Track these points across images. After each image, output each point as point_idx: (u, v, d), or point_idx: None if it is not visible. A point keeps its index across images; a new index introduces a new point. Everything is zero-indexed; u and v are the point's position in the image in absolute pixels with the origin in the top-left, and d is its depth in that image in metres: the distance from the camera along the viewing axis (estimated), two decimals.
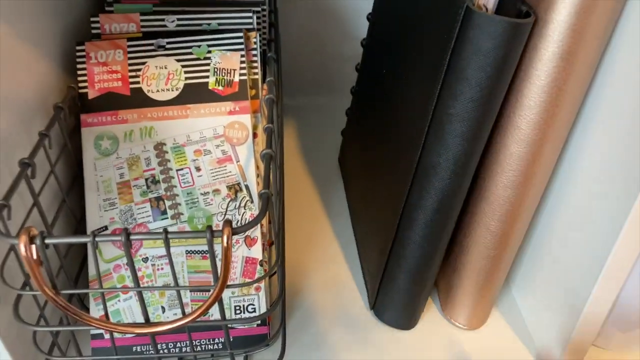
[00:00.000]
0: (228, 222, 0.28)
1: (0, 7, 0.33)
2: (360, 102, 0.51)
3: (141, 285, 0.39)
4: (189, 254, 0.40)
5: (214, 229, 0.33)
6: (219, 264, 0.37)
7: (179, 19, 0.44)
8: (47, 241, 0.28)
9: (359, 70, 0.53)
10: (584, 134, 0.34)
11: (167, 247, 0.29)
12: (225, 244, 0.28)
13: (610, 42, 0.31)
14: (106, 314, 0.33)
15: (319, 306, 0.44)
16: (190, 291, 0.40)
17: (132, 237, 0.28)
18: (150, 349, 0.39)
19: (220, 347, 0.40)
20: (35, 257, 0.28)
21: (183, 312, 0.33)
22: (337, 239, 0.50)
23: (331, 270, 0.47)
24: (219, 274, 0.29)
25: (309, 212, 0.53)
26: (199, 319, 0.30)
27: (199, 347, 0.40)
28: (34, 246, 0.28)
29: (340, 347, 0.41)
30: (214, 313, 0.40)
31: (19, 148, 0.35)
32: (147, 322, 0.32)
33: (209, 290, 0.39)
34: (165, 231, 0.28)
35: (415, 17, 0.36)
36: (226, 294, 0.40)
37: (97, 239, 0.28)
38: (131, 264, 0.30)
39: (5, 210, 0.29)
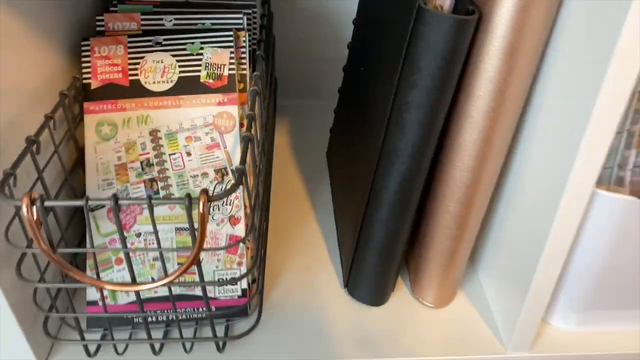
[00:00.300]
0: (204, 191, 0.32)
1: (16, 2, 0.37)
2: (344, 99, 0.54)
3: (133, 257, 0.43)
4: (178, 231, 0.44)
5: None
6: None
7: (175, 19, 0.48)
8: (46, 204, 0.32)
9: (344, 71, 0.57)
10: (534, 125, 0.38)
11: (151, 212, 0.33)
12: (201, 210, 0.32)
13: (551, 36, 0.35)
14: (97, 276, 0.37)
15: (297, 284, 0.48)
16: (178, 264, 0.44)
17: (120, 202, 0.32)
18: (140, 315, 0.43)
19: (204, 315, 0.44)
20: (35, 217, 0.32)
21: (166, 274, 0.37)
22: (319, 226, 0.54)
23: (311, 253, 0.51)
24: (197, 238, 0.33)
25: (295, 202, 0.57)
26: (182, 284, 0.33)
27: (183, 315, 0.43)
28: (34, 208, 0.32)
29: (312, 319, 0.44)
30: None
31: (27, 129, 0.39)
32: (134, 282, 0.36)
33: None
34: (150, 197, 0.32)
35: (383, 19, 0.40)
36: (211, 267, 0.44)
37: (89, 202, 0.32)
38: (119, 226, 0.34)
39: (11, 178, 0.33)
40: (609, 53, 0.29)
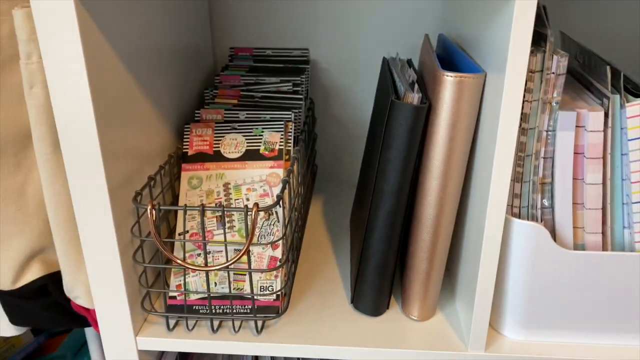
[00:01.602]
0: (256, 204, 0.52)
1: (153, 97, 0.61)
2: (360, 174, 0.75)
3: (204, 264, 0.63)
4: (236, 252, 0.63)
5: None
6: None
7: (247, 114, 0.72)
8: (162, 207, 0.53)
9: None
10: (473, 175, 0.56)
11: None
12: (253, 216, 0.52)
13: (480, 114, 0.54)
14: (184, 280, 0.57)
15: (318, 300, 0.65)
16: (234, 273, 0.63)
17: (205, 208, 0.53)
18: (207, 308, 0.61)
19: (248, 311, 0.61)
20: (154, 218, 0.53)
21: (227, 258, 0.56)
22: (337, 265, 0.72)
23: (328, 281, 0.68)
24: (248, 237, 0.53)
25: (321, 249, 0.75)
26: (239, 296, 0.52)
27: (234, 309, 0.61)
28: (154, 211, 0.53)
29: (323, 323, 0.61)
30: (246, 289, 0.62)
31: (146, 174, 0.61)
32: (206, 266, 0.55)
33: (246, 266, 0.61)
34: (223, 206, 0.53)
35: (377, 114, 0.62)
36: (255, 277, 0.62)
37: (187, 208, 0.53)
38: (202, 224, 0.54)
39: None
40: (495, 136, 0.48)
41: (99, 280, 0.56)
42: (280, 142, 0.68)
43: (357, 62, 0.88)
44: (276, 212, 0.65)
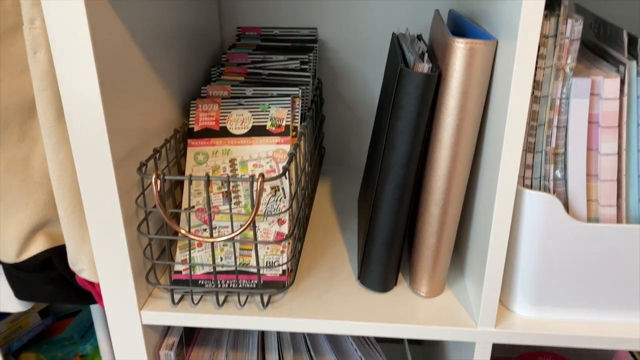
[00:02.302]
0: (261, 174, 0.52)
1: (158, 72, 0.61)
2: (369, 147, 0.74)
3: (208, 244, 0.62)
4: (241, 227, 0.62)
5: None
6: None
7: (254, 90, 0.71)
8: (166, 177, 0.52)
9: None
10: (484, 147, 0.55)
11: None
12: (258, 186, 0.51)
13: (491, 85, 0.53)
14: (189, 255, 0.56)
15: (324, 276, 0.64)
16: (240, 249, 0.62)
17: (210, 177, 0.52)
18: (212, 282, 0.60)
19: (254, 286, 0.60)
20: (159, 188, 0.52)
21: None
22: (344, 242, 0.71)
23: (335, 258, 0.67)
24: (254, 204, 0.52)
25: (329, 226, 0.74)
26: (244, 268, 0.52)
27: (240, 284, 0.61)
28: (159, 181, 0.52)
29: (330, 298, 0.60)
30: (252, 264, 0.61)
31: (152, 147, 0.61)
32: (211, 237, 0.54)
33: (252, 240, 0.60)
34: (228, 176, 0.52)
35: (385, 87, 0.61)
36: (262, 252, 0.61)
37: (192, 178, 0.52)
38: (207, 195, 0.53)
39: (148, 163, 0.54)
40: (506, 105, 0.47)
41: (103, 253, 0.55)
42: (287, 118, 0.67)
43: (366, 42, 0.86)
44: (282, 189, 0.64)
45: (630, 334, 0.55)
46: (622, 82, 0.49)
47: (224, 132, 0.67)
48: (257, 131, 0.67)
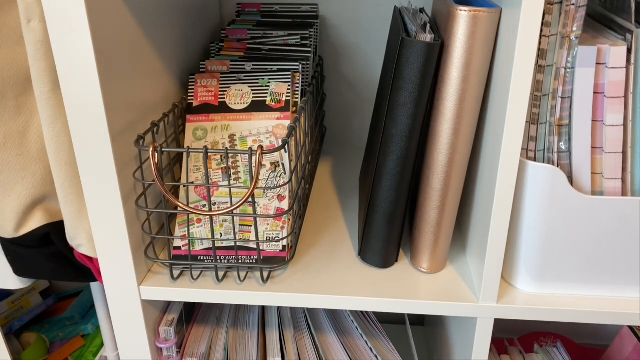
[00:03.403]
0: (260, 146, 0.51)
1: (156, 46, 0.60)
2: (371, 122, 0.73)
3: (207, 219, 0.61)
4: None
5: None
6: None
7: (254, 65, 0.70)
8: (163, 150, 0.51)
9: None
10: (487, 120, 0.54)
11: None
12: (257, 159, 0.50)
13: (494, 56, 0.52)
14: (188, 231, 0.55)
15: (325, 252, 0.63)
16: (240, 224, 0.61)
17: (208, 151, 0.51)
18: (212, 258, 0.60)
19: (254, 261, 0.60)
20: (157, 160, 0.51)
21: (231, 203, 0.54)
22: (350, 217, 0.70)
23: (340, 232, 0.67)
24: (254, 177, 0.51)
25: (330, 203, 0.74)
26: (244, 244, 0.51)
27: (239, 259, 0.60)
28: (156, 153, 0.51)
29: (330, 273, 0.59)
30: (252, 239, 0.61)
31: (149, 123, 0.60)
32: (210, 211, 0.54)
33: (251, 215, 0.60)
34: (227, 149, 0.51)
35: (387, 60, 0.59)
36: (262, 228, 0.61)
37: (190, 150, 0.51)
38: (206, 167, 0.52)
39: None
40: (510, 74, 0.45)
41: (102, 227, 0.55)
42: (287, 93, 0.66)
43: (368, 19, 0.85)
44: (282, 164, 0.63)
45: (635, 310, 0.54)
46: (629, 51, 0.47)
47: (223, 108, 0.66)
48: (257, 106, 0.66)
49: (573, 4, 0.46)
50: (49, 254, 0.61)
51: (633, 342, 0.73)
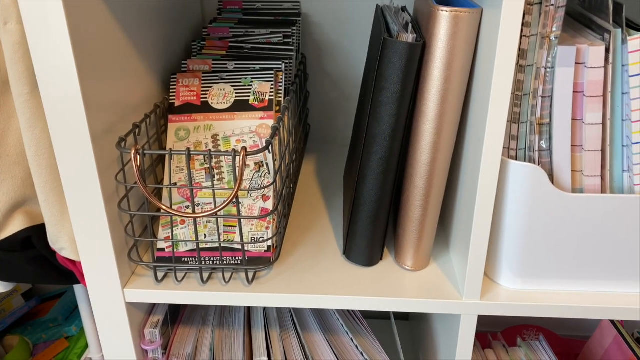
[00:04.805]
0: (244, 148, 0.51)
1: (139, 47, 0.59)
2: (354, 122, 0.73)
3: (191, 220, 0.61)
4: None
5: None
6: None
7: (236, 64, 0.69)
8: (145, 152, 0.51)
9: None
10: (469, 120, 0.54)
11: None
12: (240, 160, 0.50)
13: (476, 54, 0.52)
14: (172, 232, 0.55)
15: (310, 252, 0.63)
16: (224, 225, 0.61)
17: (191, 152, 0.51)
18: (196, 259, 0.60)
19: (239, 262, 0.60)
20: (138, 163, 0.51)
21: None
22: (330, 218, 0.70)
23: (320, 233, 0.67)
24: (237, 179, 0.51)
25: (314, 202, 0.74)
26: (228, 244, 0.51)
27: (224, 261, 0.60)
28: (138, 156, 0.51)
29: (316, 273, 0.60)
30: (237, 240, 0.60)
31: (130, 123, 0.59)
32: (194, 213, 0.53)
33: (236, 216, 0.59)
34: (210, 151, 0.51)
35: (369, 60, 0.59)
36: (246, 229, 0.61)
37: (172, 152, 0.51)
38: (188, 168, 0.52)
39: (128, 137, 0.53)
40: (491, 74, 0.46)
41: (84, 230, 0.54)
42: (271, 92, 0.66)
43: (351, 16, 0.85)
44: (267, 164, 0.63)
45: (614, 304, 0.55)
46: (607, 51, 0.48)
47: (205, 107, 0.66)
48: (240, 106, 0.65)
49: (552, 5, 0.47)
50: (31, 257, 0.60)
51: (613, 333, 0.75)
